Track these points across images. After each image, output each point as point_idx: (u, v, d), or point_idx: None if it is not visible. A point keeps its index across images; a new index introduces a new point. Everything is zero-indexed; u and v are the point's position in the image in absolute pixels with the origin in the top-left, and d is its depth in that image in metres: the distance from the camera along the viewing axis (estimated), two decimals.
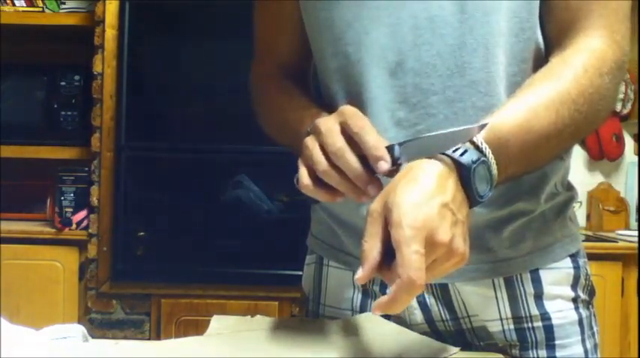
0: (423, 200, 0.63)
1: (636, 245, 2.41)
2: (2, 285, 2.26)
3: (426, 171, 0.66)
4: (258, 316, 0.88)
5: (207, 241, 2.35)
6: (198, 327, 2.34)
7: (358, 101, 0.84)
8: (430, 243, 0.62)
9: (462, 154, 0.67)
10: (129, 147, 2.33)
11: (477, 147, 0.68)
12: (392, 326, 0.87)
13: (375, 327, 0.86)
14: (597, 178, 2.92)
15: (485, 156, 0.68)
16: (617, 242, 2.52)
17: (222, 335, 0.81)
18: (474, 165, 0.67)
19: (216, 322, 0.86)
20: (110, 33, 2.34)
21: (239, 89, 2.34)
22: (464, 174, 0.67)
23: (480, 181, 0.68)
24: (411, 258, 0.60)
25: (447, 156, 0.67)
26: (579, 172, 2.87)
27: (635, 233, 2.60)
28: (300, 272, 1.03)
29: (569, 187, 0.93)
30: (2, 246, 2.32)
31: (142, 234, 2.33)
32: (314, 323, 0.87)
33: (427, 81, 0.82)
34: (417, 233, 0.61)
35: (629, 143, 2.92)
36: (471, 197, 0.67)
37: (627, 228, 2.82)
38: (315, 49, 0.92)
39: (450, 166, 0.67)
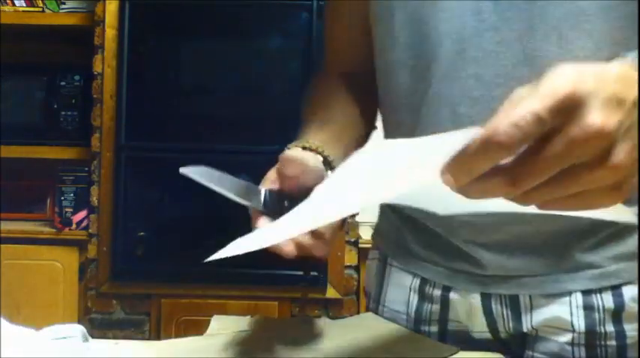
0: (592, 74, 0.44)
1: None
2: (2, 285, 2.26)
3: (612, 66, 0.46)
4: (258, 316, 0.88)
5: (207, 241, 2.35)
6: (198, 327, 2.34)
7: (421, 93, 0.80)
8: (582, 131, 0.42)
9: None
10: (129, 147, 2.33)
11: None
12: (393, 326, 0.87)
13: (376, 327, 0.86)
14: None
15: None
16: None
17: (222, 335, 0.81)
18: None
19: (216, 322, 0.86)
20: (110, 33, 2.34)
21: (239, 89, 2.36)
22: None
23: None
24: (518, 111, 0.42)
25: None
26: None
27: None
28: (300, 273, 1.03)
29: None
30: (2, 246, 2.32)
31: (142, 234, 2.33)
32: (314, 323, 0.87)
33: (489, 71, 0.74)
34: (558, 98, 0.42)
35: None
36: None
37: None
38: (375, 44, 0.87)
39: None
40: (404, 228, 0.91)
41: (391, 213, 0.94)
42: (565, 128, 0.43)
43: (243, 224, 0.76)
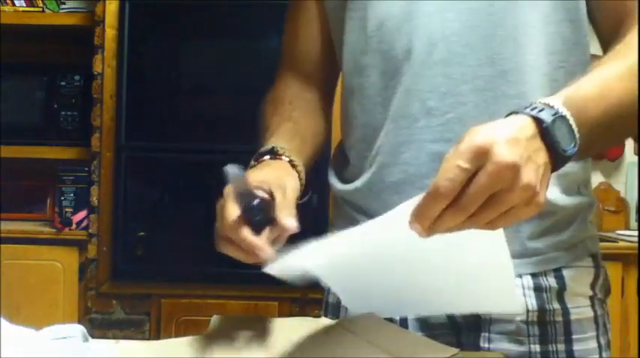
0: (492, 128, 0.63)
1: (636, 245, 2.41)
2: (2, 285, 2.26)
3: (507, 120, 0.66)
4: (258, 316, 0.88)
5: (207, 241, 2.34)
6: (198, 327, 2.34)
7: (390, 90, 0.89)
8: (493, 166, 0.60)
9: (539, 112, 0.66)
10: (129, 147, 2.32)
11: (552, 107, 0.67)
12: (391, 327, 0.87)
13: (375, 328, 0.86)
14: (597, 178, 2.92)
15: (561, 113, 0.67)
16: (617, 242, 2.52)
17: (221, 336, 0.81)
18: (553, 117, 0.66)
19: (216, 322, 0.86)
20: (110, 33, 2.34)
21: (239, 89, 2.36)
22: (543, 129, 0.65)
23: (562, 137, 0.66)
24: (447, 168, 0.61)
25: (526, 114, 0.66)
26: None
27: (635, 233, 2.60)
28: None
29: (590, 193, 0.98)
30: (2, 246, 2.32)
31: (142, 234, 2.33)
32: (314, 323, 0.87)
33: (456, 70, 0.86)
34: (471, 151, 0.60)
35: (629, 143, 2.91)
36: (555, 152, 0.66)
37: (627, 228, 2.82)
38: (346, 49, 0.96)
39: (531, 123, 0.65)
40: (362, 219, 0.94)
41: (352, 212, 0.98)
42: (483, 167, 0.60)
43: None
